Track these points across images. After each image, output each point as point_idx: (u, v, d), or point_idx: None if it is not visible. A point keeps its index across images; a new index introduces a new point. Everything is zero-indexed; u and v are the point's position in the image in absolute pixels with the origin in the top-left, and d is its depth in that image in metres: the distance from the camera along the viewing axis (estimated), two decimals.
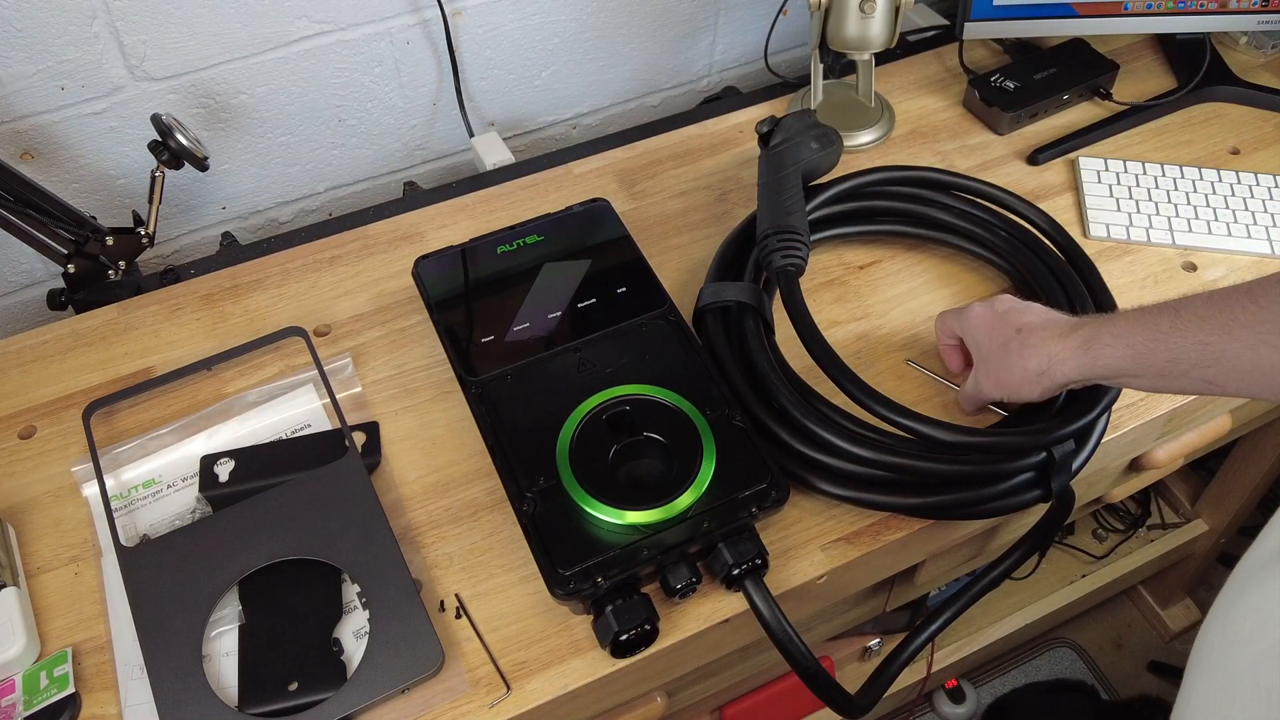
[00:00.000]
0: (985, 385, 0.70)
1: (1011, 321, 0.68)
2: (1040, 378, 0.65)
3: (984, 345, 0.69)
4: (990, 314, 0.70)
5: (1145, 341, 0.60)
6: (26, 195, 0.79)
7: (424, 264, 0.80)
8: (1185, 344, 0.58)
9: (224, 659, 0.63)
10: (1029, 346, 0.65)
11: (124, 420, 0.76)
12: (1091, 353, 0.62)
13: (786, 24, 1.11)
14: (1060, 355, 0.63)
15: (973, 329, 0.71)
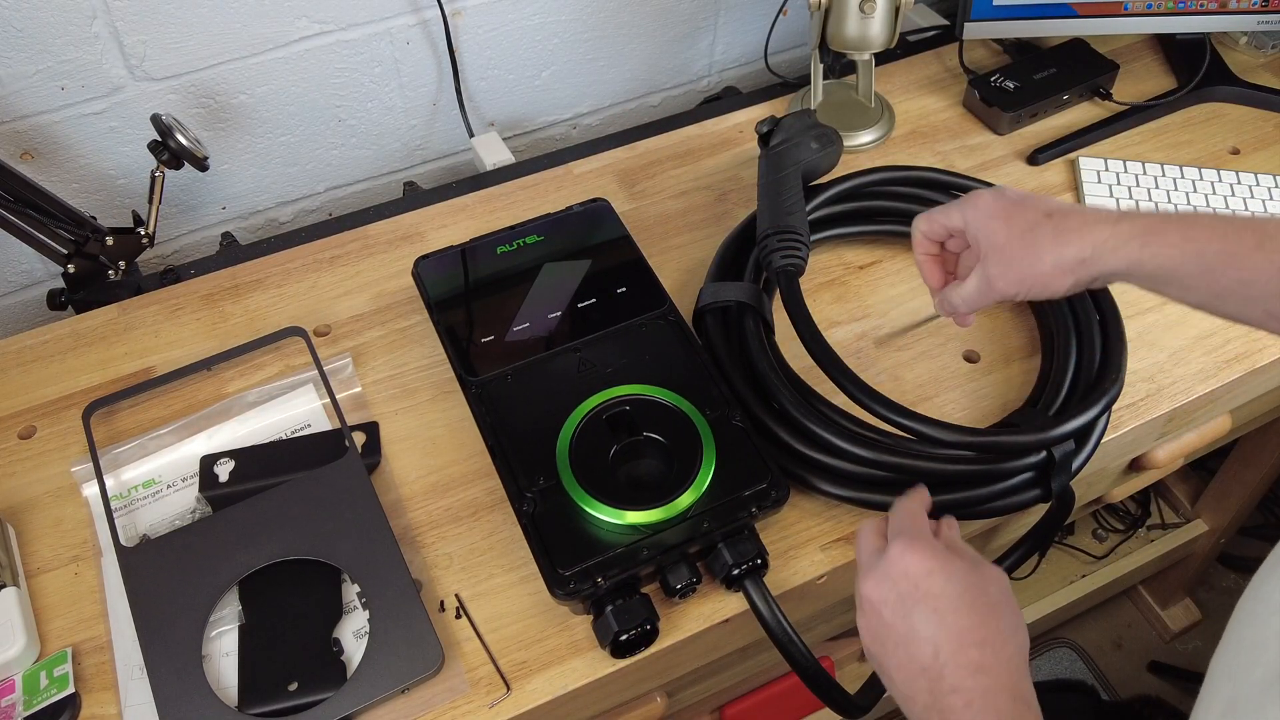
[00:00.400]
0: (1000, 280, 0.61)
1: (1038, 206, 0.60)
2: (1079, 266, 0.57)
3: (1000, 235, 0.60)
4: (1005, 200, 0.61)
5: (1220, 253, 0.53)
6: (26, 195, 0.79)
7: (424, 264, 0.80)
8: (1270, 269, 0.52)
9: (224, 659, 0.63)
10: (1069, 231, 0.57)
11: (124, 420, 0.76)
12: (1151, 247, 0.55)
13: (786, 24, 1.11)
14: (1110, 243, 0.56)
15: (985, 218, 0.61)
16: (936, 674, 0.49)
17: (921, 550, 0.53)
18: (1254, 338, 0.80)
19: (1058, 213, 0.59)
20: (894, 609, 0.52)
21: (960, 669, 0.49)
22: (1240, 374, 0.78)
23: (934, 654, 0.50)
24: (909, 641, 0.51)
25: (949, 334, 0.81)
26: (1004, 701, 0.48)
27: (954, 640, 0.50)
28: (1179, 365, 0.79)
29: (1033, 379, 0.78)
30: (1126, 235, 0.56)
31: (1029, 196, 0.61)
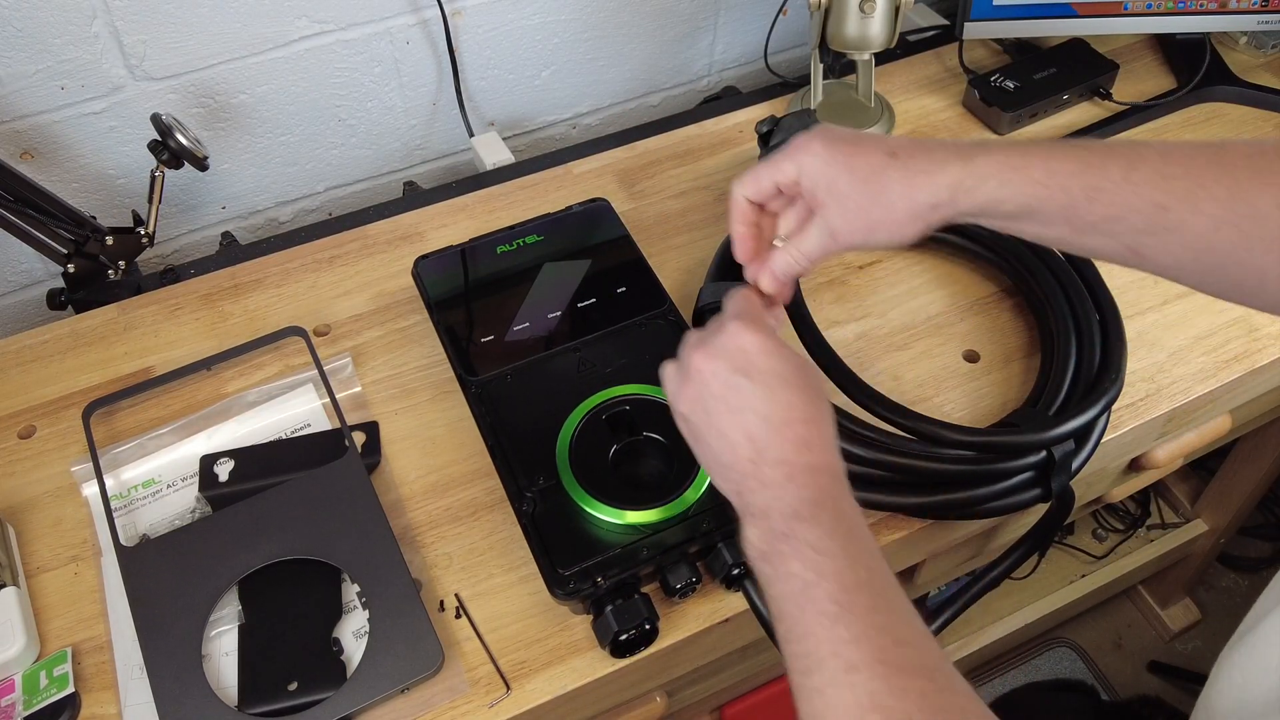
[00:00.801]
0: (845, 232, 0.55)
1: (877, 146, 0.54)
2: (931, 211, 0.53)
3: (841, 182, 0.54)
4: (842, 143, 0.55)
5: (1085, 189, 0.51)
6: (26, 195, 0.79)
7: (424, 264, 0.80)
8: (1136, 202, 0.50)
9: (223, 659, 0.63)
10: (919, 173, 0.53)
11: (124, 420, 0.76)
12: (1012, 184, 0.51)
13: (786, 24, 1.11)
14: (966, 183, 0.52)
15: (822, 165, 0.55)
16: (762, 444, 0.49)
17: (758, 330, 0.52)
18: (1254, 337, 0.80)
19: (902, 152, 0.54)
20: (724, 380, 0.51)
21: (786, 442, 0.49)
22: (1240, 374, 0.78)
23: (761, 424, 0.50)
24: (737, 411, 0.51)
25: (949, 334, 0.81)
26: (825, 479, 0.49)
27: (782, 414, 0.50)
28: (1179, 365, 0.79)
29: (1033, 379, 0.78)
30: (984, 173, 0.52)
31: (863, 136, 0.56)
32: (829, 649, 0.43)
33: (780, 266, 0.59)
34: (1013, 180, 0.51)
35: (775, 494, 0.48)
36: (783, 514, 0.48)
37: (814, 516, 0.47)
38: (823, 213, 0.56)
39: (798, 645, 0.44)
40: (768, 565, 0.48)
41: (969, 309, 0.83)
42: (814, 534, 0.46)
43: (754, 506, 0.49)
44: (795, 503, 0.48)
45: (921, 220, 0.54)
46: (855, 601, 0.44)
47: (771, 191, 0.58)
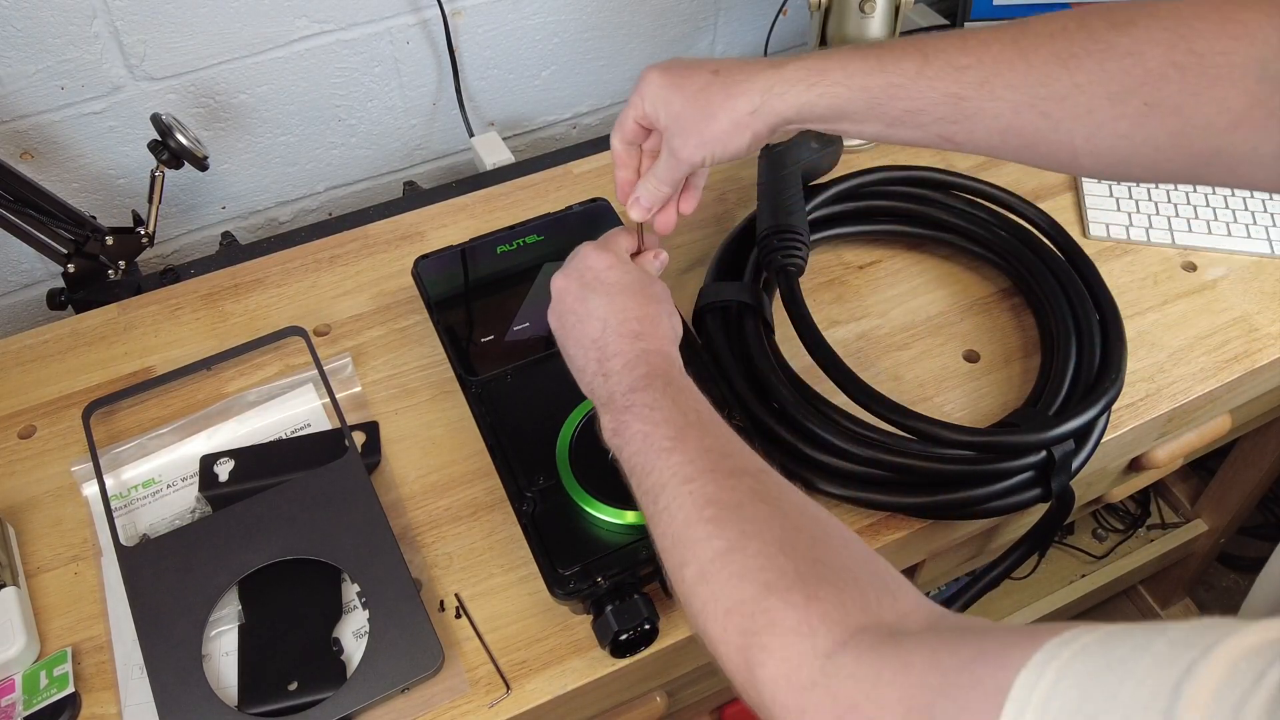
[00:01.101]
0: (683, 149, 0.60)
1: (704, 66, 0.59)
2: (752, 118, 0.57)
3: (675, 103, 0.59)
4: (673, 69, 0.60)
5: (885, 87, 0.54)
6: (26, 195, 0.79)
7: (424, 264, 0.80)
8: (933, 95, 0.53)
9: (223, 658, 0.63)
10: (737, 84, 0.57)
11: (124, 420, 0.76)
12: (818, 87, 0.55)
13: (786, 24, 1.11)
14: (777, 88, 0.56)
15: (659, 90, 0.60)
16: (603, 343, 0.58)
17: (607, 252, 0.61)
18: (1254, 337, 0.80)
19: (724, 69, 0.58)
20: (575, 295, 0.60)
21: (621, 337, 0.57)
22: (1240, 374, 0.78)
23: (601, 327, 0.58)
24: (584, 319, 0.59)
25: (949, 334, 0.81)
26: (656, 359, 0.56)
27: (618, 315, 0.58)
28: (1179, 365, 0.79)
29: (1033, 379, 0.78)
30: (792, 79, 0.56)
31: (694, 60, 0.60)
32: (669, 473, 0.50)
33: (643, 194, 0.65)
34: (817, 84, 0.56)
35: (617, 379, 0.56)
36: (623, 392, 0.55)
37: (648, 386, 0.55)
38: (666, 137, 0.61)
39: (645, 481, 0.51)
40: (618, 439, 0.54)
41: (969, 309, 0.83)
42: (649, 397, 0.54)
43: (604, 396, 0.57)
44: (631, 380, 0.55)
45: (746, 128, 0.58)
46: (686, 435, 0.51)
47: (635, 130, 0.64)
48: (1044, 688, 0.32)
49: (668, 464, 0.50)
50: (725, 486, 0.49)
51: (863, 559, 0.46)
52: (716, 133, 0.58)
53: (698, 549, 0.47)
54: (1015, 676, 0.33)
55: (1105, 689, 0.31)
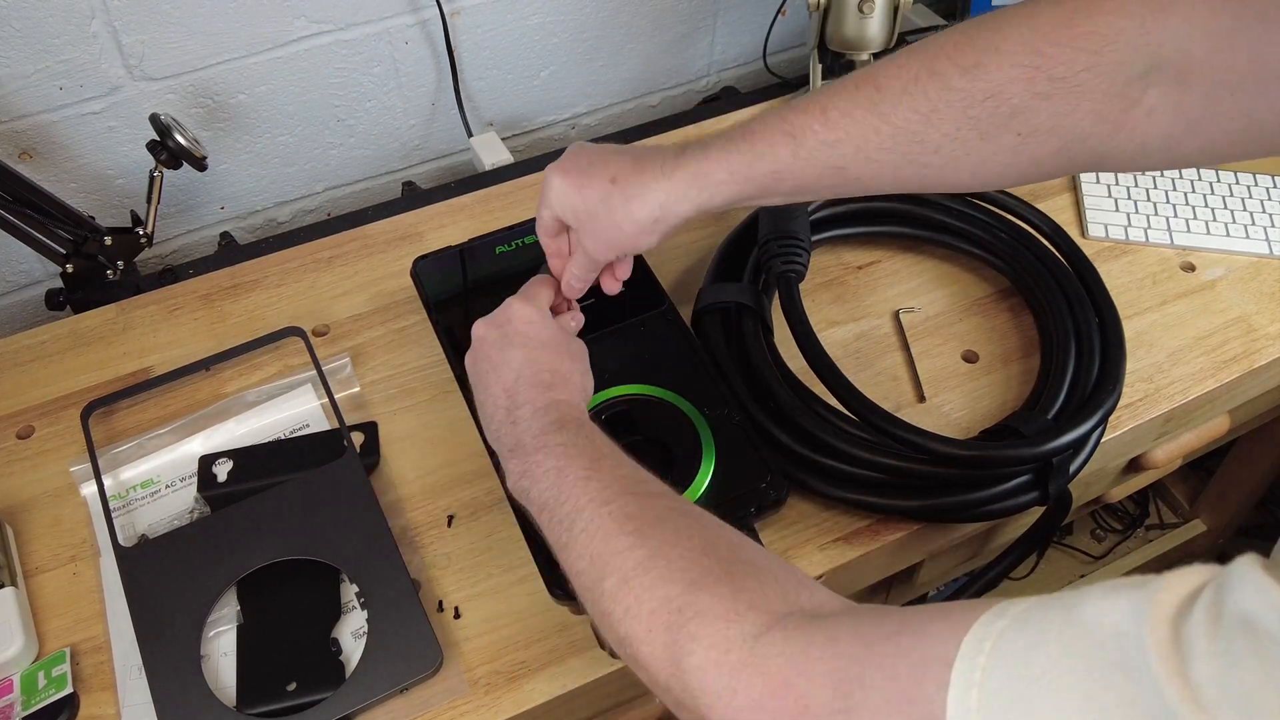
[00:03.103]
0: (595, 250, 0.63)
1: (602, 172, 0.61)
2: (655, 225, 0.60)
3: (580, 212, 0.62)
4: (573, 176, 0.62)
5: (767, 174, 0.57)
6: (25, 195, 0.79)
7: (422, 264, 0.80)
8: (814, 171, 0.56)
9: (222, 659, 0.63)
10: (634, 197, 0.59)
11: (122, 420, 0.76)
12: (707, 191, 0.58)
13: (785, 24, 1.11)
14: (672, 197, 0.58)
15: (562, 199, 0.62)
16: (514, 391, 0.60)
17: (530, 306, 0.64)
18: (1252, 338, 0.81)
19: (620, 178, 0.60)
20: (494, 345, 0.62)
21: (532, 386, 0.59)
22: (1238, 374, 0.79)
23: (514, 377, 0.60)
24: (499, 368, 0.61)
25: (948, 334, 0.81)
26: (565, 408, 0.58)
27: (532, 368, 0.60)
28: (1177, 365, 0.79)
29: (1031, 379, 0.78)
30: (683, 187, 0.58)
31: (593, 162, 0.62)
32: (586, 499, 0.51)
33: (572, 281, 0.67)
34: (706, 187, 0.58)
35: (525, 425, 0.57)
36: (533, 435, 0.56)
37: (560, 429, 0.56)
38: (578, 236, 0.64)
39: (559, 511, 0.52)
40: (526, 480, 0.55)
41: (968, 309, 0.83)
42: (561, 437, 0.56)
43: (510, 443, 0.58)
44: (542, 425, 0.57)
45: (652, 232, 0.61)
46: (601, 466, 0.53)
47: (553, 225, 0.66)
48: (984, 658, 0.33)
49: (584, 491, 0.52)
50: (644, 505, 0.50)
51: (779, 562, 0.48)
52: (624, 238, 0.61)
53: (619, 560, 0.48)
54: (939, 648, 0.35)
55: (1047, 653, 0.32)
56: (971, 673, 0.34)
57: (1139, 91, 0.51)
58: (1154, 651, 0.30)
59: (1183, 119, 0.51)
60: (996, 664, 0.33)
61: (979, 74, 0.52)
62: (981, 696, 0.33)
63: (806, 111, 0.56)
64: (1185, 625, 0.30)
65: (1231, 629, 0.29)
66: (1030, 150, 0.54)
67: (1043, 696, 0.32)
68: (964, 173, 0.56)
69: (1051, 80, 0.51)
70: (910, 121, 0.54)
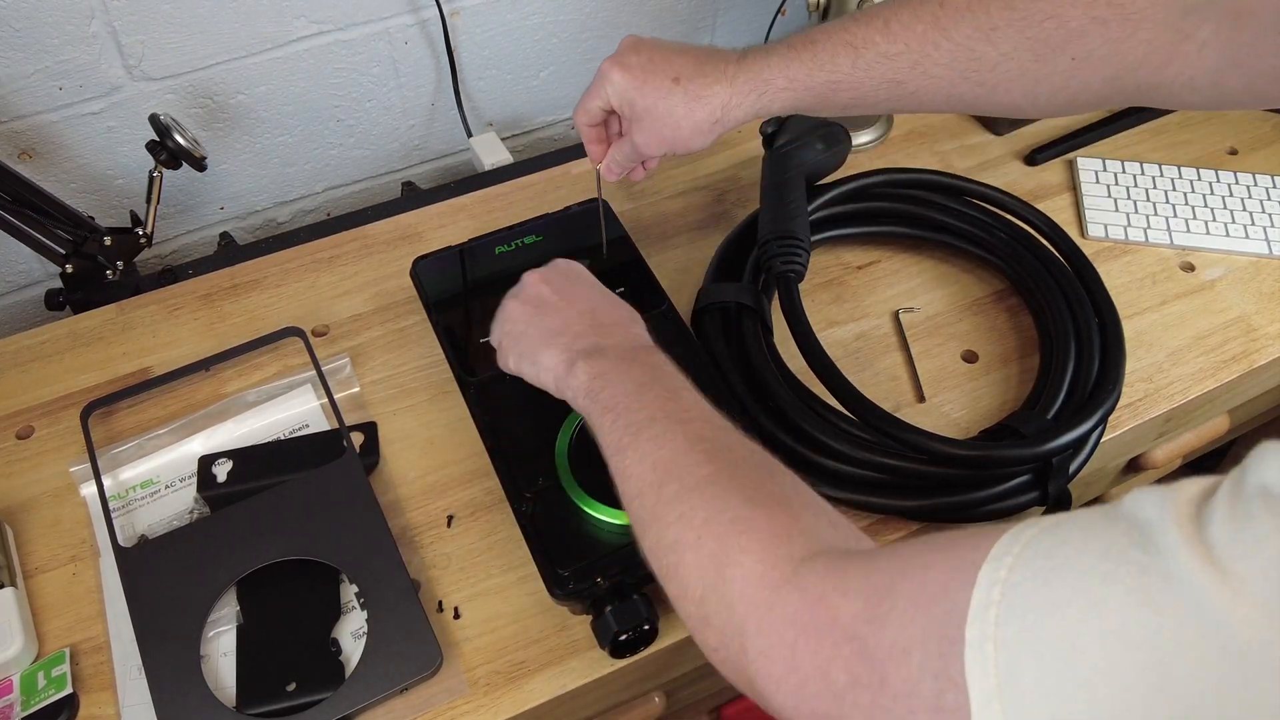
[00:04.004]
0: (645, 145, 0.66)
1: (666, 70, 0.63)
2: (714, 126, 0.63)
3: (638, 104, 0.64)
4: (635, 70, 0.64)
5: (826, 84, 0.59)
6: (24, 195, 0.79)
7: (422, 264, 0.80)
8: (872, 83, 0.58)
9: (222, 659, 0.63)
10: (696, 97, 0.62)
11: (122, 420, 0.76)
12: (767, 96, 0.60)
13: (785, 24, 1.11)
14: (733, 101, 0.61)
15: (622, 90, 0.64)
16: (600, 310, 0.62)
17: (575, 263, 0.67)
18: (1252, 338, 0.81)
19: (684, 77, 0.62)
20: (563, 275, 0.65)
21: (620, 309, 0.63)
22: (1238, 374, 0.79)
23: (594, 305, 0.62)
24: (575, 298, 0.63)
25: (947, 334, 0.81)
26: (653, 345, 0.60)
27: (610, 302, 0.63)
28: (1177, 365, 0.79)
29: (1031, 379, 0.78)
30: (744, 91, 0.61)
31: (654, 59, 0.63)
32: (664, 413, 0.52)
33: (613, 166, 0.71)
34: (766, 92, 0.60)
35: (615, 337, 0.59)
36: (622, 347, 0.58)
37: (652, 351, 0.58)
38: (630, 129, 0.66)
39: (631, 416, 0.53)
40: (601, 381, 0.56)
41: (967, 309, 0.83)
42: (654, 359, 0.57)
43: (588, 349, 0.58)
44: (634, 343, 0.59)
45: (709, 134, 0.64)
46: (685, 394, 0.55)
47: (599, 115, 0.68)
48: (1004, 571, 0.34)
49: (664, 406, 0.53)
50: (719, 434, 0.52)
51: (838, 515, 0.48)
52: (681, 136, 0.64)
53: (686, 471, 0.49)
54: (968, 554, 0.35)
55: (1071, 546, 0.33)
56: (997, 570, 0.34)
57: (1193, 25, 0.53)
58: (1174, 526, 0.31)
59: (1230, 56, 0.53)
60: (1022, 562, 0.34)
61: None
62: (1005, 589, 0.33)
63: (869, 24, 0.58)
64: (1207, 505, 0.31)
65: (1250, 498, 0.30)
66: (1083, 76, 0.56)
67: (1062, 580, 0.32)
68: (1016, 93, 0.57)
69: (1110, 6, 0.53)
70: (970, 38, 0.55)
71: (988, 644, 0.33)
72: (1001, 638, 0.33)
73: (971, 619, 0.34)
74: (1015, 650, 0.32)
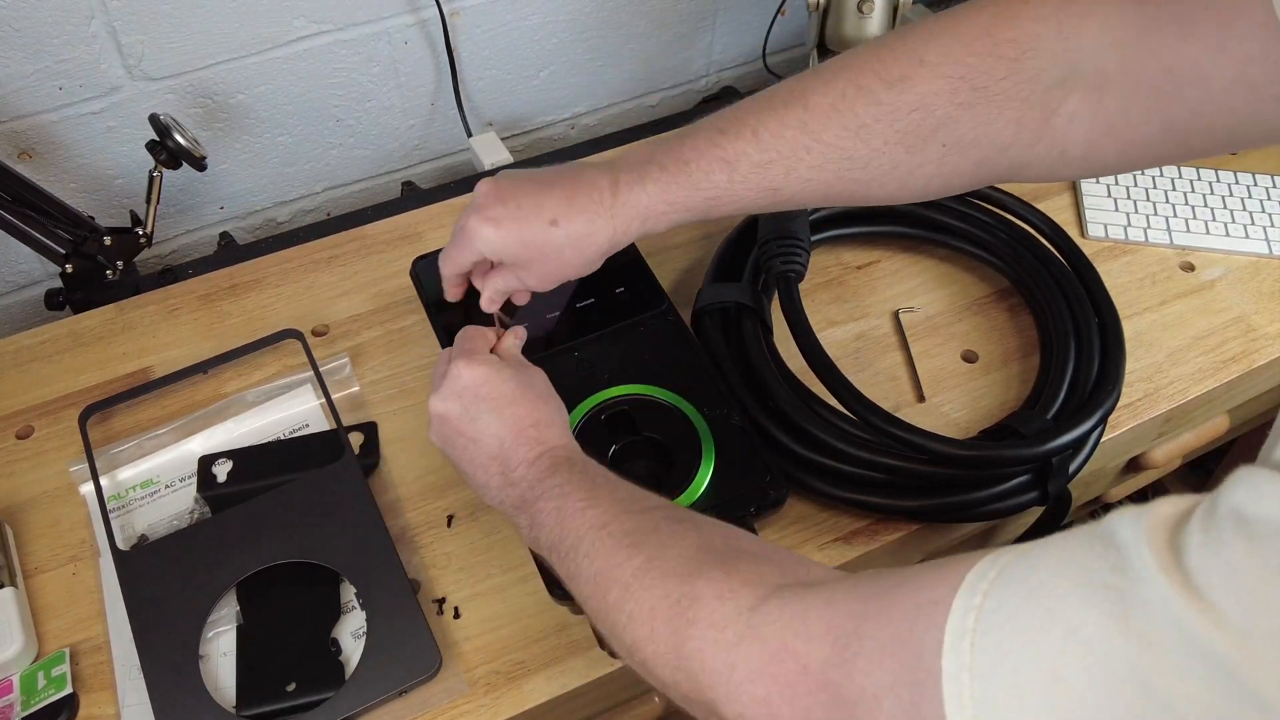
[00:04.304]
0: (539, 282, 0.62)
1: (536, 216, 0.59)
2: (603, 256, 0.61)
3: (521, 254, 0.60)
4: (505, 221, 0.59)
5: (706, 201, 0.58)
6: (24, 195, 0.79)
7: (422, 264, 0.80)
8: (749, 194, 0.57)
9: (221, 659, 0.63)
10: (581, 237, 0.59)
11: (121, 420, 0.76)
12: (650, 221, 0.59)
13: (785, 24, 1.11)
14: (617, 233, 0.59)
15: (496, 245, 0.60)
16: (503, 457, 0.58)
17: (476, 363, 0.60)
18: (1251, 338, 0.81)
19: (561, 218, 0.59)
20: (460, 417, 0.60)
21: (521, 447, 0.58)
22: (1238, 374, 0.79)
23: (499, 444, 0.59)
24: (477, 440, 0.59)
25: (947, 334, 0.81)
26: (559, 454, 0.58)
27: (513, 427, 0.59)
28: (1176, 365, 0.79)
29: (1031, 379, 0.78)
30: (626, 221, 0.59)
31: (523, 204, 0.59)
32: (586, 526, 0.52)
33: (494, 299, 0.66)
34: (650, 218, 0.59)
35: (525, 484, 0.57)
36: (531, 487, 0.56)
37: (554, 472, 0.56)
38: (516, 270, 0.62)
39: (563, 544, 0.52)
40: (535, 530, 0.55)
41: (967, 309, 0.83)
42: (558, 479, 0.56)
43: (514, 501, 0.57)
44: (538, 475, 0.57)
45: (597, 262, 0.61)
46: (598, 494, 0.54)
47: (468, 268, 0.65)
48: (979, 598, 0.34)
49: (584, 520, 0.52)
50: (641, 520, 0.51)
51: (777, 548, 0.49)
52: (571, 271, 0.61)
53: (619, 572, 0.49)
54: (935, 593, 0.35)
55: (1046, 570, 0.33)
56: (972, 598, 0.34)
57: (1058, 99, 0.53)
58: (1149, 550, 0.31)
59: (1101, 124, 0.52)
60: (997, 588, 0.34)
61: (905, 87, 0.53)
62: (979, 617, 0.33)
63: (739, 136, 0.57)
64: (1183, 529, 0.31)
65: (1223, 521, 0.30)
66: (954, 161, 0.55)
67: (1038, 604, 0.32)
68: (891, 185, 0.57)
69: (974, 90, 0.53)
70: (840, 139, 0.55)
71: (964, 674, 0.33)
72: (978, 667, 0.33)
73: (947, 650, 0.33)
74: (991, 679, 0.32)
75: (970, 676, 0.33)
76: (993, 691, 0.32)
